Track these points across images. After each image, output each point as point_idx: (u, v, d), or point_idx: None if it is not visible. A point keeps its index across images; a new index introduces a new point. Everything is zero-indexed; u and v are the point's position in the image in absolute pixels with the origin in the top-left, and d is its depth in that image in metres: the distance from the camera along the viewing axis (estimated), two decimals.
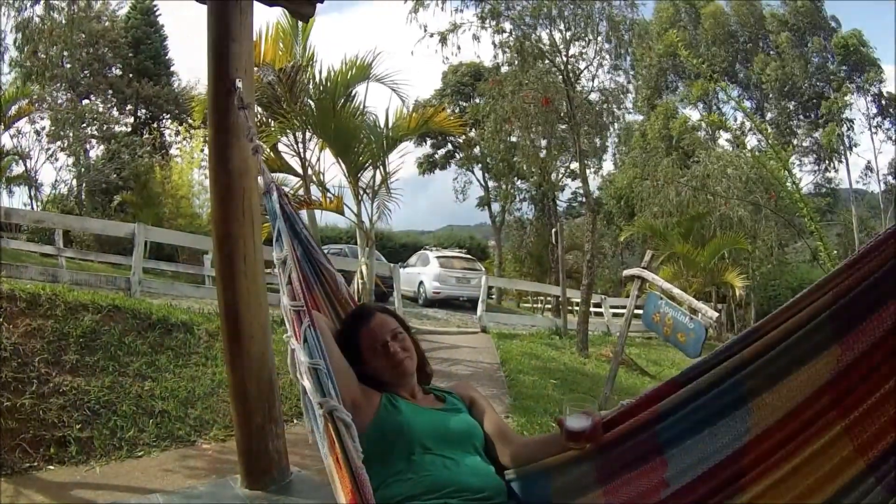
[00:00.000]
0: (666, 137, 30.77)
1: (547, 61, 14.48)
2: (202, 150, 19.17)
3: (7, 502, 3.65)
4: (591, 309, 14.11)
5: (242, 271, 3.30)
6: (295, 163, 9.73)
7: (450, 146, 35.09)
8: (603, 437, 1.87)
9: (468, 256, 22.15)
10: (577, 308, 14.48)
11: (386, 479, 1.91)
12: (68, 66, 23.42)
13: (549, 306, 26.15)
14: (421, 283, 19.64)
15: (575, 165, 21.39)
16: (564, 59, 13.91)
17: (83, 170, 23.36)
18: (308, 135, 9.52)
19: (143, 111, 28.13)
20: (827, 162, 33.10)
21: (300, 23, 8.71)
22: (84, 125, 24.00)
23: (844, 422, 1.46)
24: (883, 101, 31.92)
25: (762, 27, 34.16)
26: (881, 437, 1.41)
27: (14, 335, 5.09)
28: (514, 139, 22.00)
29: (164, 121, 27.71)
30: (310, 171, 9.65)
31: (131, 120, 27.79)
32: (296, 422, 5.44)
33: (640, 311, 7.48)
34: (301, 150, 9.63)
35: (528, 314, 23.55)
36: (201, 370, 6.12)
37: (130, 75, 26.80)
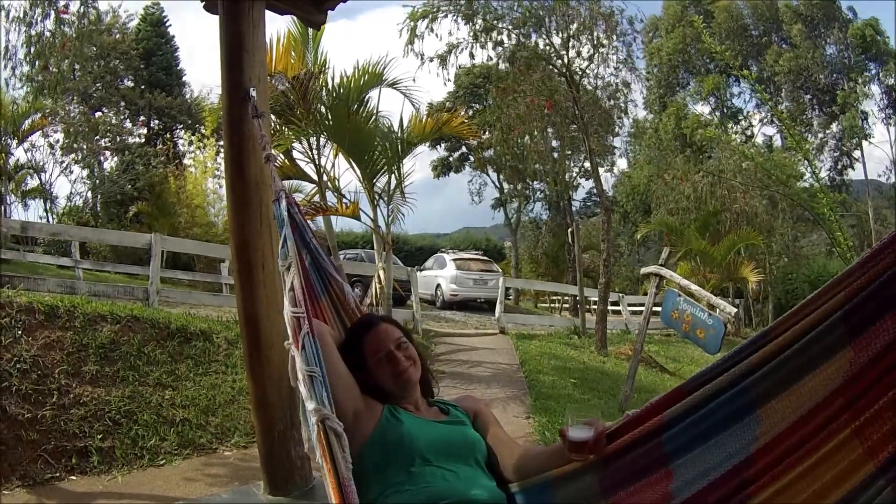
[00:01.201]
0: (679, 136, 30.73)
1: (548, 65, 14.44)
2: (216, 159, 19.27)
3: None
4: (609, 307, 14.04)
5: (261, 280, 3.29)
6: (310, 169, 9.76)
7: (464, 149, 35.14)
8: (607, 448, 1.84)
9: (485, 258, 22.11)
10: (594, 307, 14.45)
11: (385, 490, 1.89)
12: (80, 78, 23.59)
13: (567, 306, 26.12)
14: (438, 285, 19.60)
15: (589, 164, 21.36)
16: (565, 60, 13.86)
17: (98, 181, 23.55)
18: (322, 141, 9.53)
19: (157, 122, 28.36)
20: (847, 147, 32.92)
21: (311, 30, 8.73)
22: (97, 137, 24.24)
23: (854, 424, 1.42)
24: (894, 93, 31.68)
25: (776, 19, 33.96)
26: (892, 438, 1.36)
27: (34, 347, 5.11)
28: (527, 139, 21.99)
29: (177, 131, 27.87)
30: (325, 178, 9.67)
31: (144, 131, 28.07)
32: None
33: (659, 309, 7.44)
34: (315, 157, 9.66)
35: (546, 314, 23.53)
36: (221, 378, 6.14)
37: (142, 87, 27.04)
